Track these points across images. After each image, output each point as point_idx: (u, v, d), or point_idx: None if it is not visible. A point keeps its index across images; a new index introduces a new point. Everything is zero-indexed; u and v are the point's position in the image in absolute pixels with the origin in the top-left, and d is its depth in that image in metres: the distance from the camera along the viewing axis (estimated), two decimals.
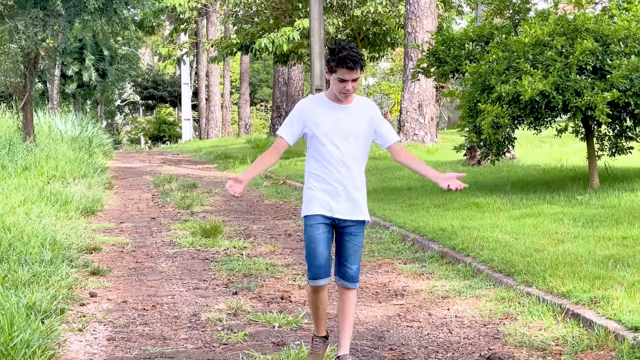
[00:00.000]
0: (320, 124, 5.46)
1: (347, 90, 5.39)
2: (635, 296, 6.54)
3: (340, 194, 5.47)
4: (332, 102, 5.51)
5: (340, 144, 5.45)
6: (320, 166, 5.48)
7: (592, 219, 10.17)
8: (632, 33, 12.26)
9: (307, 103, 5.57)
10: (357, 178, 5.54)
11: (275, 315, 7.12)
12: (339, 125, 5.46)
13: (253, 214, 13.99)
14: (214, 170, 24.64)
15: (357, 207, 5.53)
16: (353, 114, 5.51)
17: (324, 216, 5.47)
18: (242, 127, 49.48)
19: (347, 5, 24.74)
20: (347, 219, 5.51)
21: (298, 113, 5.54)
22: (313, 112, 5.50)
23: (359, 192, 5.55)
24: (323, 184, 5.48)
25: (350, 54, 5.30)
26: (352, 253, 5.56)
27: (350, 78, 5.36)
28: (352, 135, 5.48)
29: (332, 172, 5.46)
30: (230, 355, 6.07)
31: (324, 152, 5.46)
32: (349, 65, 5.31)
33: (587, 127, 13.22)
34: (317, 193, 5.49)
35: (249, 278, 8.70)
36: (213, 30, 46.94)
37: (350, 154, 5.48)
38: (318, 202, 5.47)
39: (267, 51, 23.84)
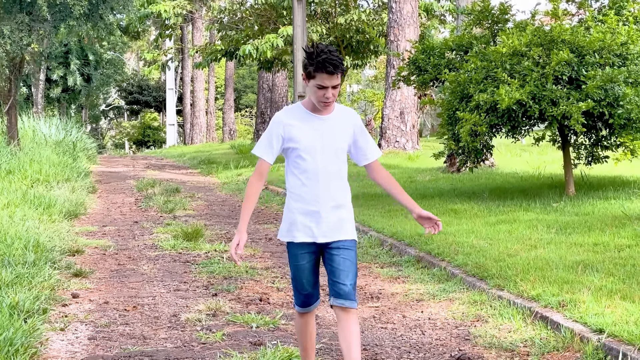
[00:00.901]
0: (299, 139, 4.98)
1: (326, 98, 4.90)
2: (601, 300, 6.77)
3: (322, 214, 5.00)
4: (310, 113, 5.02)
5: (321, 159, 4.99)
6: (300, 184, 5.02)
7: (566, 225, 10.40)
8: (606, 45, 12.51)
9: (283, 116, 5.05)
10: (341, 195, 5.08)
11: (253, 316, 7.31)
12: (319, 139, 4.99)
13: (235, 218, 14.17)
14: (198, 175, 24.80)
15: (343, 227, 5.07)
16: (334, 126, 5.05)
17: (307, 243, 5.05)
18: (226, 133, 49.66)
19: (331, 13, 24.97)
20: (332, 241, 5.05)
21: (275, 128, 5.03)
22: (291, 126, 5.00)
23: (343, 210, 5.09)
24: (303, 204, 5.01)
25: (329, 57, 4.82)
26: (345, 268, 5.03)
27: (330, 84, 4.87)
28: (334, 150, 5.03)
29: (313, 190, 5.00)
30: (208, 354, 6.25)
31: (303, 168, 5.00)
32: (329, 70, 4.82)
33: (563, 136, 13.47)
34: (297, 216, 5.02)
35: (228, 280, 8.89)
36: (198, 36, 47.11)
37: (332, 169, 5.03)
38: (299, 228, 5.02)
39: (251, 57, 24.05)
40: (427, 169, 19.13)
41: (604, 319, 6.24)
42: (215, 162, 27.59)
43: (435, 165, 19.57)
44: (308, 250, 5.07)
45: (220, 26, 27.01)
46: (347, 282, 5.03)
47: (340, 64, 4.88)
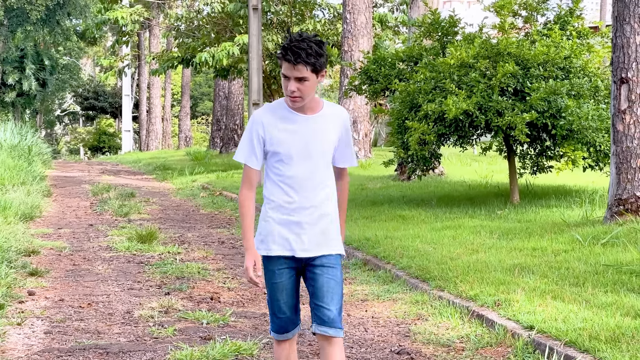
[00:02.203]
0: (280, 140, 4.45)
1: (290, 91, 4.35)
2: (533, 299, 7.17)
3: (304, 226, 4.46)
4: (293, 111, 4.48)
5: (305, 164, 4.46)
6: (280, 191, 4.46)
7: (508, 231, 10.82)
8: (550, 58, 12.99)
9: (264, 115, 4.51)
10: (326, 203, 4.53)
11: (204, 313, 7.61)
12: (303, 141, 4.46)
13: (188, 222, 14.45)
14: (153, 181, 24.99)
15: (327, 239, 4.53)
16: (321, 127, 4.51)
17: (284, 258, 4.49)
18: (182, 140, 49.81)
19: (287, 22, 25.34)
20: (315, 256, 4.50)
21: (256, 129, 4.49)
22: (272, 126, 4.46)
23: (328, 220, 4.54)
24: (282, 215, 4.45)
25: (296, 45, 4.28)
26: (329, 290, 4.49)
27: (292, 75, 4.32)
28: (320, 153, 4.50)
29: (295, 199, 4.45)
30: (160, 347, 6.55)
31: (284, 174, 4.46)
32: (288, 58, 4.29)
33: (508, 146, 13.92)
34: (274, 227, 4.47)
35: (181, 280, 9.17)
36: (155, 43, 47.23)
37: (317, 175, 4.49)
38: (276, 239, 4.47)
39: (208, 65, 24.33)
40: (378, 177, 19.52)
41: (535, 317, 6.63)
42: (171, 168, 27.80)
43: (386, 173, 19.97)
44: (286, 265, 4.50)
45: (177, 34, 27.27)
46: (332, 307, 4.48)
47: (309, 55, 4.28)
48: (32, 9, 18.31)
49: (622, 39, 10.55)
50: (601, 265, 8.34)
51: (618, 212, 10.56)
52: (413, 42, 15.22)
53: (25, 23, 19.09)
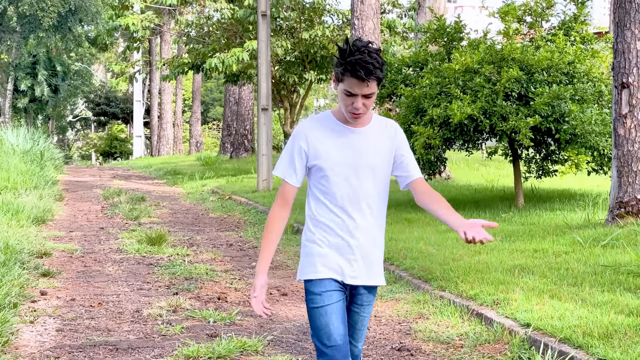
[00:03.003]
0: (326, 155, 4.08)
1: (355, 108, 3.99)
2: (531, 298, 7.35)
3: (354, 251, 4.09)
4: (341, 124, 4.11)
5: (354, 182, 4.09)
6: (327, 211, 4.10)
7: (511, 234, 11.00)
8: (554, 63, 13.18)
9: (308, 128, 4.13)
10: (376, 228, 4.16)
11: (211, 312, 7.82)
12: (351, 156, 4.09)
13: (198, 225, 14.67)
14: (163, 185, 25.23)
15: (374, 269, 4.17)
16: (370, 140, 4.13)
17: (335, 281, 4.09)
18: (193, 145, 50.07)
19: (296, 28, 25.56)
20: (360, 285, 4.17)
21: (298, 142, 4.10)
22: (317, 140, 4.09)
23: (377, 249, 4.18)
24: (331, 237, 4.08)
25: (364, 59, 3.88)
26: (361, 328, 4.28)
27: (360, 92, 3.95)
28: (369, 169, 4.11)
29: (343, 220, 4.09)
30: (168, 344, 6.76)
31: (331, 192, 4.09)
32: (360, 75, 3.90)
33: (513, 150, 14.10)
34: (324, 249, 4.07)
35: (189, 281, 9.39)
36: (166, 49, 47.55)
37: (366, 194, 4.11)
38: (326, 263, 4.07)
39: (217, 71, 24.55)
40: None
41: (531, 315, 6.82)
42: (181, 173, 28.04)
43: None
44: (337, 288, 4.08)
45: (187, 40, 27.51)
46: (359, 344, 4.31)
47: (376, 68, 3.93)
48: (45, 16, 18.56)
49: (622, 44, 10.73)
50: (600, 266, 8.53)
51: (619, 214, 10.73)
52: (419, 47, 15.42)
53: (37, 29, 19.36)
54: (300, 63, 26.01)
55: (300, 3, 24.83)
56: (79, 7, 29.28)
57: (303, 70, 26.03)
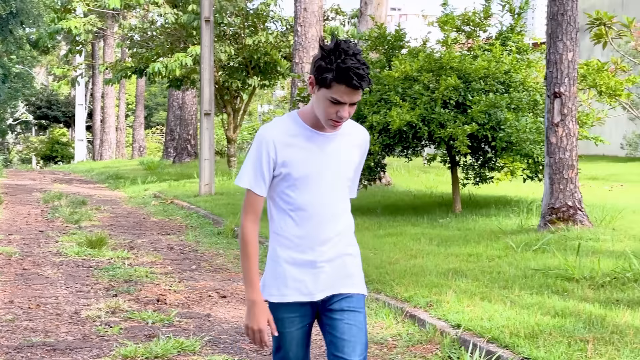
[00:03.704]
0: (295, 163, 3.70)
1: (340, 117, 3.61)
2: (462, 300, 7.57)
3: (323, 263, 3.75)
4: (310, 128, 3.72)
5: (323, 191, 3.74)
6: (293, 224, 3.74)
7: (447, 239, 11.25)
8: (491, 72, 13.48)
9: (274, 132, 3.71)
10: (346, 237, 3.84)
11: (150, 313, 7.91)
12: (320, 162, 3.73)
13: (139, 229, 14.71)
14: (105, 189, 25.15)
15: (348, 275, 3.83)
16: (342, 147, 3.80)
17: (299, 304, 3.77)
18: (135, 150, 49.87)
19: (240, 34, 25.67)
20: (333, 294, 3.81)
21: (266, 149, 3.70)
22: (285, 146, 3.70)
23: (348, 256, 3.83)
24: (294, 252, 3.74)
25: (355, 64, 3.50)
26: (350, 338, 3.75)
27: (349, 101, 3.59)
28: (340, 178, 3.80)
29: (313, 234, 3.73)
30: (106, 345, 6.85)
31: (297, 204, 3.72)
32: (354, 84, 3.53)
33: (451, 157, 14.37)
34: (286, 268, 3.74)
35: (129, 283, 9.46)
36: (109, 53, 47.30)
37: (336, 203, 3.78)
38: (289, 283, 3.74)
39: (161, 75, 24.57)
40: None
41: (462, 316, 7.03)
42: (123, 177, 27.96)
43: None
44: (300, 313, 3.79)
45: (130, 44, 27.46)
46: (353, 358, 3.75)
47: (367, 74, 3.58)
48: None
49: (555, 55, 11.04)
50: (530, 270, 8.79)
51: (551, 220, 11.04)
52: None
53: None
54: (244, 69, 26.11)
55: (244, 9, 24.95)
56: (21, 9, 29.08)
57: (246, 76, 26.13)
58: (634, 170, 24.06)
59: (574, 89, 11.08)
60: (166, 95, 62.39)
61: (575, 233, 10.64)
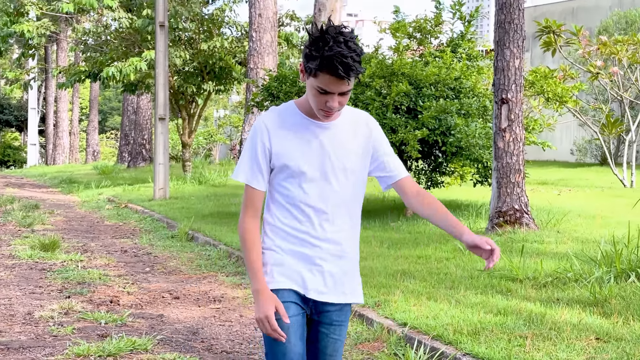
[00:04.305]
0: (292, 154, 3.54)
1: (329, 108, 3.44)
2: (410, 300, 7.79)
3: (320, 261, 3.56)
4: (307, 117, 3.56)
5: (323, 185, 3.56)
6: (291, 217, 3.57)
7: (398, 241, 11.48)
8: (441, 79, 13.75)
9: (270, 122, 3.56)
10: (348, 236, 3.65)
11: (103, 314, 8.02)
12: (320, 155, 3.56)
13: (92, 233, 14.76)
14: (58, 193, 25.10)
15: (345, 283, 3.65)
16: (343, 137, 3.60)
17: (295, 292, 3.58)
18: (89, 154, 49.66)
19: (195, 39, 25.76)
20: (328, 302, 3.62)
21: (261, 140, 3.54)
22: (281, 137, 3.54)
23: (348, 259, 3.66)
24: (293, 245, 3.56)
25: (342, 52, 3.31)
26: (333, 353, 3.69)
27: (337, 90, 3.39)
28: (341, 170, 3.59)
29: (310, 228, 3.56)
30: (59, 344, 6.95)
31: (296, 196, 3.55)
32: (339, 73, 3.34)
33: (403, 162, 14.62)
34: (284, 257, 3.57)
35: (82, 285, 9.55)
36: (63, 57, 47.08)
37: (338, 198, 3.58)
38: (284, 272, 3.56)
39: (115, 80, 24.58)
40: None
41: (409, 315, 7.24)
42: (77, 181, 27.91)
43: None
44: (294, 299, 3.57)
45: (84, 48, 27.43)
46: None
47: (356, 62, 3.37)
48: None
49: (502, 62, 11.32)
50: (476, 271, 9.03)
51: (498, 223, 11.31)
52: None
53: None
54: (199, 74, 26.20)
55: (199, 14, 25.06)
56: None
57: (201, 81, 26.23)
58: (583, 175, 24.52)
59: (521, 95, 11.37)
60: (121, 100, 62.15)
61: (521, 235, 10.92)
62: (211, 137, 49.19)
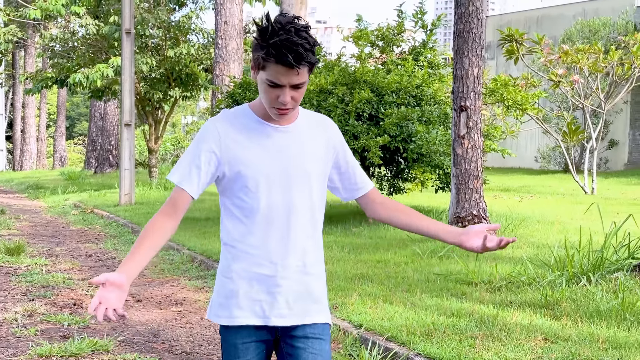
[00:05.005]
0: (246, 161, 3.20)
1: (282, 103, 3.10)
2: (366, 302, 7.99)
3: (280, 281, 3.23)
4: (262, 120, 3.23)
5: (282, 194, 3.22)
6: (246, 232, 3.21)
7: (358, 246, 11.69)
8: (403, 86, 14.00)
9: (221, 125, 3.22)
10: (311, 250, 3.30)
11: (66, 316, 8.16)
12: (277, 161, 3.22)
13: (58, 238, 14.86)
14: (25, 199, 25.11)
15: (312, 302, 3.30)
16: (300, 141, 3.28)
17: (254, 328, 3.25)
18: (57, 160, 49.54)
19: (162, 46, 25.89)
20: (295, 325, 3.27)
21: (208, 143, 3.20)
22: (233, 141, 3.21)
23: (313, 275, 3.31)
24: (249, 265, 3.22)
25: (291, 39, 2.99)
26: None
27: (287, 82, 3.06)
28: (301, 177, 3.25)
29: (267, 243, 3.21)
30: (22, 345, 7.09)
31: (253, 208, 3.20)
32: (287, 61, 3.00)
33: (366, 168, 14.83)
34: (238, 284, 3.24)
35: (46, 288, 9.68)
36: (30, 62, 46.98)
37: (298, 209, 3.24)
38: (241, 303, 3.23)
39: (82, 86, 24.66)
40: None
41: (364, 317, 7.44)
42: (44, 187, 27.93)
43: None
44: (255, 338, 3.27)
45: (51, 54, 27.48)
46: None
47: (307, 51, 3.03)
48: None
49: (461, 70, 11.58)
50: (433, 275, 9.26)
51: None
52: None
53: None
54: (166, 80, 26.33)
55: (166, 21, 25.19)
56: None
57: (168, 88, 26.35)
58: (546, 182, 24.90)
59: (479, 103, 11.63)
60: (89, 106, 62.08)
61: None
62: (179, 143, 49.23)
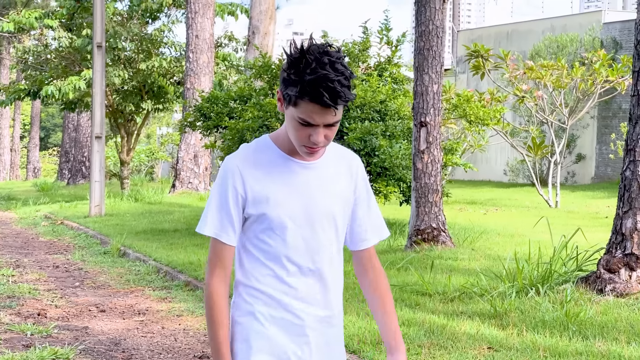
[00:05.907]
0: (271, 201, 2.93)
1: (314, 143, 2.86)
2: None
3: (308, 331, 2.99)
4: (287, 156, 2.96)
5: (308, 235, 2.97)
6: (272, 276, 2.95)
7: None
8: (367, 101, 14.30)
9: (243, 163, 2.95)
10: (336, 296, 3.10)
11: (29, 326, 8.37)
12: (303, 198, 2.96)
13: (26, 249, 15.03)
14: None
15: (335, 352, 3.11)
16: (327, 178, 3.02)
17: None
18: (30, 171, 49.57)
19: (134, 59, 26.12)
20: None
21: (233, 185, 2.93)
22: (256, 180, 2.93)
23: (337, 327, 3.13)
24: (276, 311, 2.96)
25: (329, 75, 2.73)
26: None
27: (322, 122, 2.81)
28: (327, 218, 3.01)
29: (293, 288, 2.97)
30: None
31: (279, 251, 2.95)
32: (325, 101, 2.75)
33: None
34: (268, 328, 2.96)
35: (11, 299, 9.87)
36: (4, 74, 47.05)
37: (324, 251, 3.02)
38: (271, 349, 2.96)
39: (54, 98, 24.83)
40: None
41: None
42: (16, 198, 28.01)
43: None
44: None
45: (24, 66, 27.65)
46: None
47: (344, 87, 2.77)
48: None
49: (421, 87, 11.89)
50: (390, 286, 9.51)
51: (416, 241, 11.84)
52: (243, 82, 16.33)
53: None
54: (138, 93, 26.55)
55: (138, 34, 25.42)
56: None
57: (140, 100, 26.57)
58: (513, 195, 25.28)
59: (439, 119, 11.94)
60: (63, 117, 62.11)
61: (437, 253, 11.46)
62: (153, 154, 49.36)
